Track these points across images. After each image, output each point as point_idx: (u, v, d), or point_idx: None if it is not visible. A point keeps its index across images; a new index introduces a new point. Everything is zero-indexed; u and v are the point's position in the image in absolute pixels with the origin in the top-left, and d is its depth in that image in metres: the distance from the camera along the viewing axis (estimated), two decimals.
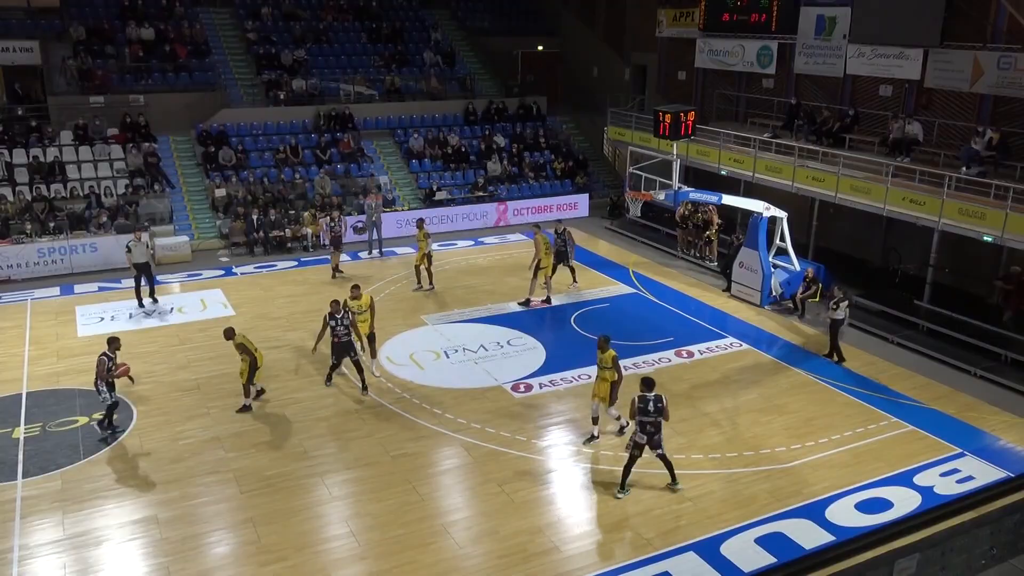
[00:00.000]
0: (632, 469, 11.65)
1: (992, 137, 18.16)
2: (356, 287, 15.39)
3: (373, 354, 15.58)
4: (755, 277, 19.35)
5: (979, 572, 10.69)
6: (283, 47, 29.47)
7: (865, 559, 9.61)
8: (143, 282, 18.77)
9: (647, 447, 11.48)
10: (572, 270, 20.31)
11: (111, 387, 13.15)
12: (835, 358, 16.41)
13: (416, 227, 19.92)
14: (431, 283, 20.10)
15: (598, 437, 13.18)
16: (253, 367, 13.95)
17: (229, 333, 14.03)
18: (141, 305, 18.79)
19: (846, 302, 16.23)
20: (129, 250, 18.46)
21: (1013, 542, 10.93)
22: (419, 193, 26.95)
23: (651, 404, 11.33)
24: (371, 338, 15.40)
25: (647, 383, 11.47)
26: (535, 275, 18.87)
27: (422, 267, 20.02)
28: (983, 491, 11.37)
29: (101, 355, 13.16)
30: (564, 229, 19.82)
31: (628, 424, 12.81)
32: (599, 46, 33.12)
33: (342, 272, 21.29)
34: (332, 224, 21.30)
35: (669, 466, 11.73)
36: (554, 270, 19.39)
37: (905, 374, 15.84)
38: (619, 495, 11.67)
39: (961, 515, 10.47)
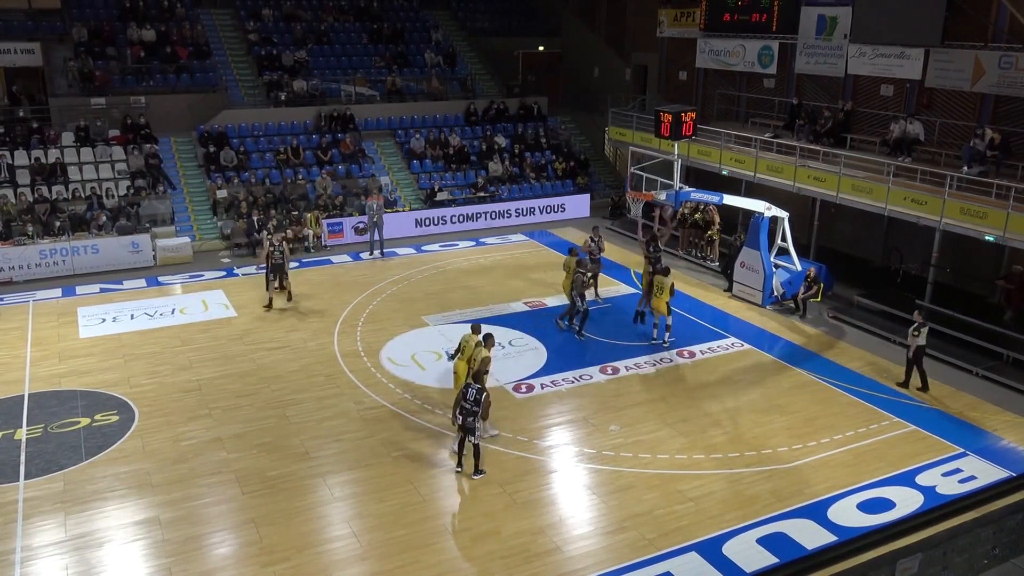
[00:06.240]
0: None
1: (993, 137, 18.15)
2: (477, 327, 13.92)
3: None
4: (756, 277, 19.34)
5: (981, 572, 10.71)
6: (284, 48, 29.50)
7: (867, 559, 9.64)
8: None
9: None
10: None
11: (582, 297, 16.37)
12: (920, 386, 15.13)
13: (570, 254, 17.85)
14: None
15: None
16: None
17: None
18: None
19: (927, 327, 14.95)
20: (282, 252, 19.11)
21: (1015, 542, 10.94)
22: (420, 194, 26.94)
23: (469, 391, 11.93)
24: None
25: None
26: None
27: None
28: (985, 491, 11.39)
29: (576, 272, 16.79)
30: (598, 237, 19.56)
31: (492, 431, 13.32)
32: (600, 46, 33.12)
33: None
34: (272, 249, 19.08)
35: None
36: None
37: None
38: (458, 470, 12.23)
39: (963, 515, 10.50)
